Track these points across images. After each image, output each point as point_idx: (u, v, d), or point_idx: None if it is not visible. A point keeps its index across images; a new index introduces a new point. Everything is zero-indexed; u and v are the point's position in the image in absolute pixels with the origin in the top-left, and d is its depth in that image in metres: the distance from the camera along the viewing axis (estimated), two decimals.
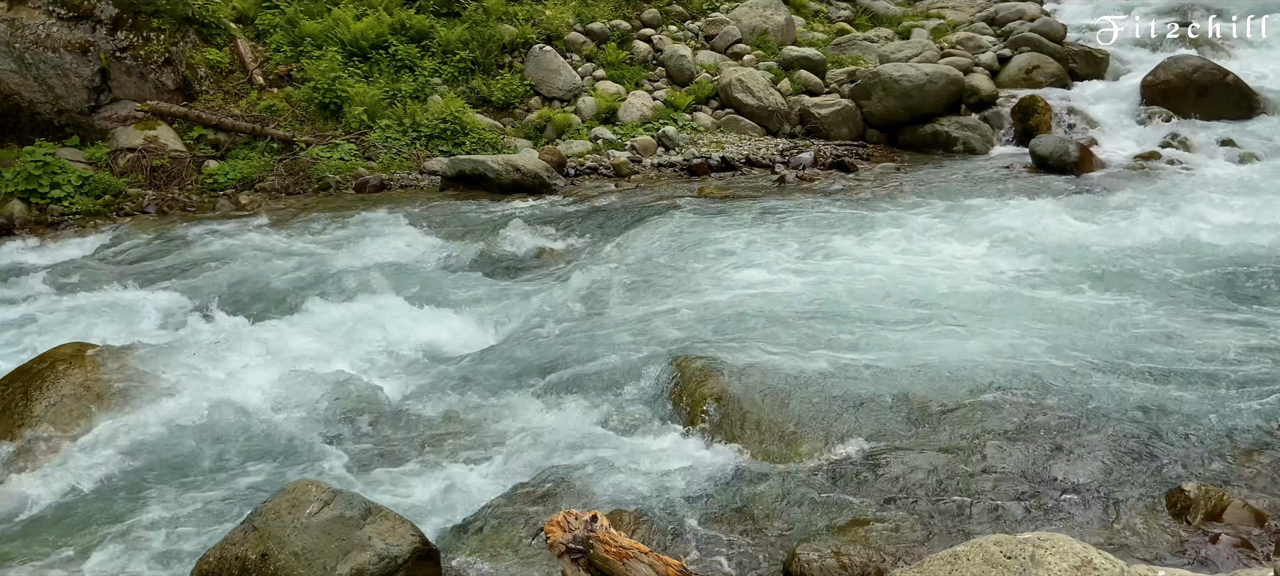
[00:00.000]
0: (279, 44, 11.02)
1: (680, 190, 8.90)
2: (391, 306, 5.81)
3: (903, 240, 6.67)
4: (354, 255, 6.87)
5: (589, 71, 11.58)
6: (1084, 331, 4.98)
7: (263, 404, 4.57)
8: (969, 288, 5.69)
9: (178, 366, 4.88)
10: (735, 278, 6.02)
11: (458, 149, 9.99)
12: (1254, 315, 5.23)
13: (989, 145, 10.22)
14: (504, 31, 11.51)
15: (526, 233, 7.44)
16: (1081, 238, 6.63)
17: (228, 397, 4.59)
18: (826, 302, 5.44)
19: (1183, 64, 10.60)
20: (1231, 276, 5.84)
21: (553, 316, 5.77)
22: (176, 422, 4.42)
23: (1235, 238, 6.53)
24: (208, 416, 4.44)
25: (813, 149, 10.27)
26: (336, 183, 9.32)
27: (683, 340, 4.91)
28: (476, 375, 4.93)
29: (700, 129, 10.89)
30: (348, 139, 10.01)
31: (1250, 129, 9.57)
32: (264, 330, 5.47)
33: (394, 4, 11.51)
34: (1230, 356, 4.60)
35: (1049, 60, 11.72)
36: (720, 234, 6.93)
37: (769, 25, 12.94)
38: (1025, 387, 4.23)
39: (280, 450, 4.25)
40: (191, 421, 4.43)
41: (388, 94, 10.60)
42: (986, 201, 7.74)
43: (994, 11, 14.37)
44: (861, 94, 10.83)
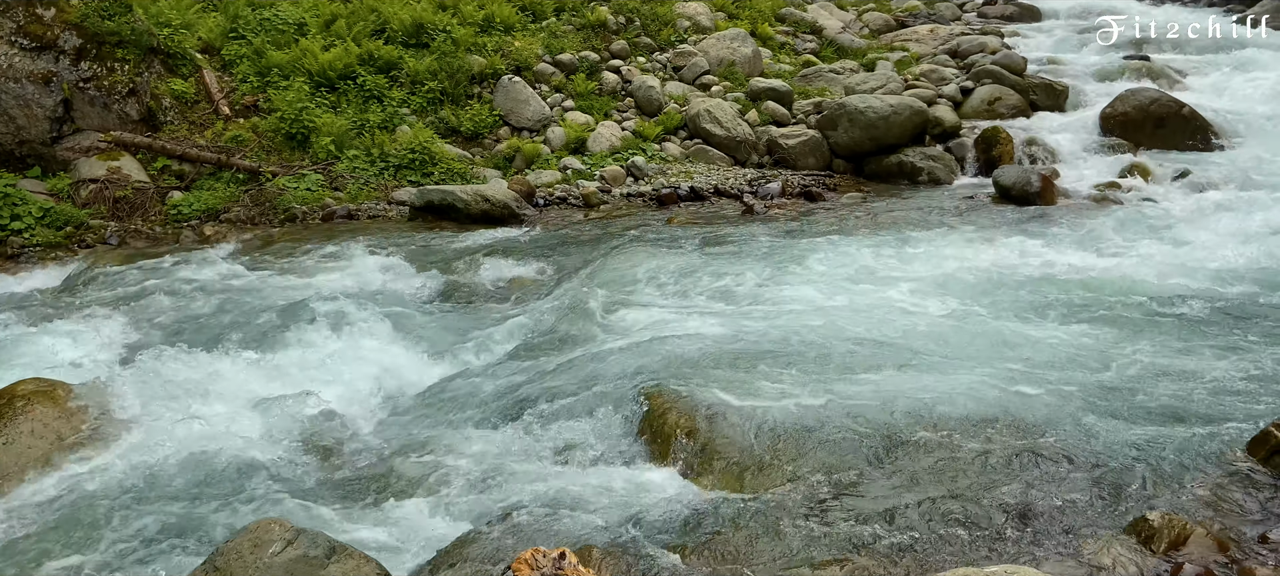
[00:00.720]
0: (246, 74, 10.97)
1: (649, 220, 8.94)
2: (357, 339, 5.76)
3: (870, 271, 6.73)
4: (320, 287, 6.81)
5: (558, 102, 11.63)
6: (1048, 363, 5.05)
7: (225, 439, 4.50)
8: (934, 320, 5.75)
9: (138, 401, 4.81)
10: (705, 309, 6.04)
11: (426, 179, 9.97)
12: (1214, 344, 5.33)
13: (953, 175, 10.37)
14: (473, 62, 11.54)
15: (495, 263, 7.42)
16: (1044, 269, 6.73)
17: (189, 433, 4.52)
18: (796, 335, 5.47)
19: (1140, 96, 10.84)
20: (1191, 306, 5.94)
21: (521, 348, 5.75)
22: (136, 459, 4.35)
23: (1193, 268, 6.66)
24: (168, 452, 4.37)
25: (780, 179, 10.36)
26: (303, 213, 9.25)
27: (652, 372, 4.91)
28: (444, 408, 4.90)
29: (669, 159, 10.95)
30: (315, 169, 9.95)
31: (1206, 159, 9.79)
32: (227, 363, 5.40)
33: (362, 35, 11.51)
34: (1191, 386, 4.68)
35: (1010, 92, 11.93)
36: (689, 264, 6.96)
37: (736, 57, 13.07)
38: (990, 420, 4.27)
39: (242, 487, 4.19)
40: (152, 458, 4.36)
41: (356, 124, 10.56)
42: (952, 233, 7.84)
43: (956, 44, 14.63)
44: (828, 125, 10.96)
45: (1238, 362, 4.95)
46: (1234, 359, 5.01)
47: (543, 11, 13.22)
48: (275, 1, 11.95)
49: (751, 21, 14.96)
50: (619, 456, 4.34)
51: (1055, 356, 5.12)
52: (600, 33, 13.12)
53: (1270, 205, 8.24)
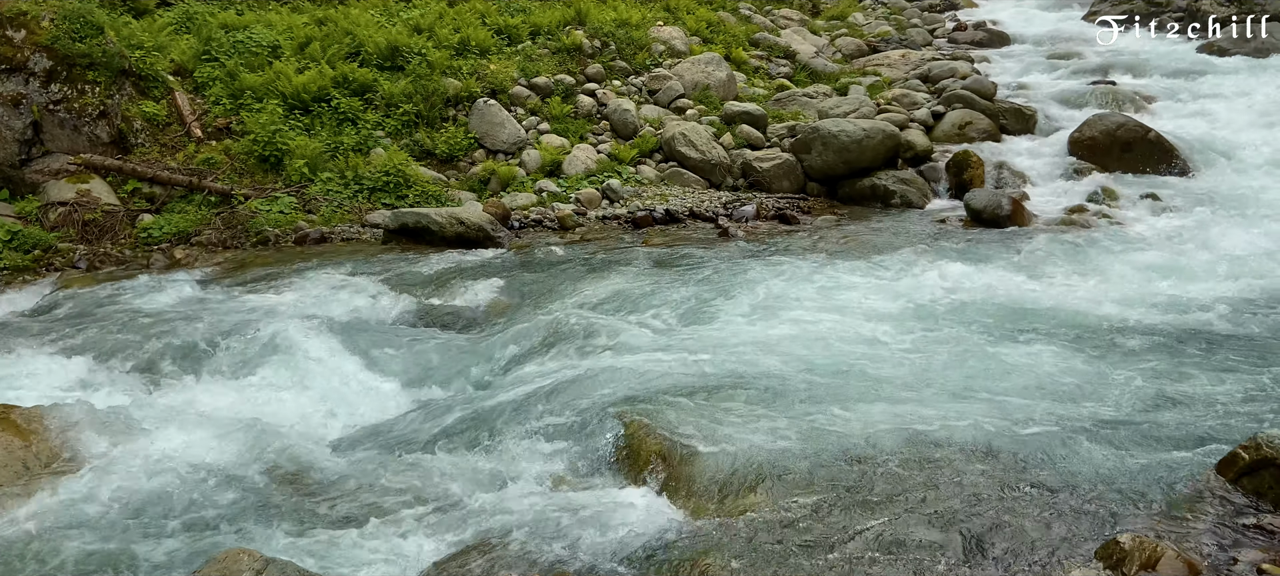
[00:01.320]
0: (218, 96, 10.90)
1: (625, 243, 8.95)
2: (330, 363, 5.72)
3: (844, 294, 6.77)
4: (292, 310, 6.75)
5: (534, 125, 11.64)
6: (1018, 388, 5.09)
7: (194, 467, 4.45)
8: (906, 346, 5.78)
9: (105, 428, 4.73)
10: (681, 332, 6.05)
11: (401, 201, 9.93)
12: (1181, 366, 5.40)
13: (926, 199, 10.47)
14: (448, 85, 11.54)
15: (470, 286, 7.40)
16: (1015, 293, 6.80)
17: (157, 460, 4.46)
18: (770, 361, 5.48)
19: (1107, 121, 11.02)
20: (1158, 328, 6.03)
21: (496, 371, 5.73)
22: (103, 488, 4.28)
23: (1161, 290, 6.76)
24: (136, 481, 4.31)
25: (755, 202, 10.42)
26: (276, 236, 9.18)
27: (628, 396, 4.91)
28: (417, 433, 4.86)
29: (644, 182, 10.98)
30: (288, 192, 9.89)
31: (1171, 183, 9.96)
32: (196, 389, 5.34)
33: (337, 57, 11.48)
34: (1160, 407, 4.74)
35: (981, 116, 12.10)
36: (665, 287, 6.97)
37: (711, 81, 13.17)
38: (959, 445, 4.30)
39: (212, 516, 4.13)
40: (119, 486, 4.29)
41: (330, 146, 10.52)
42: (925, 256, 7.91)
43: (927, 69, 14.82)
44: (802, 148, 11.05)
45: (1205, 383, 5.02)
46: (1201, 380, 5.08)
47: (518, 35, 13.26)
48: (249, 24, 11.90)
49: (726, 46, 15.08)
50: (595, 480, 4.33)
51: (1026, 381, 5.16)
52: (576, 56, 13.17)
53: (1234, 228, 8.38)
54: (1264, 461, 3.74)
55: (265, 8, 12.79)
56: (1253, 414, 4.63)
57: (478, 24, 13.00)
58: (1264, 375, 5.17)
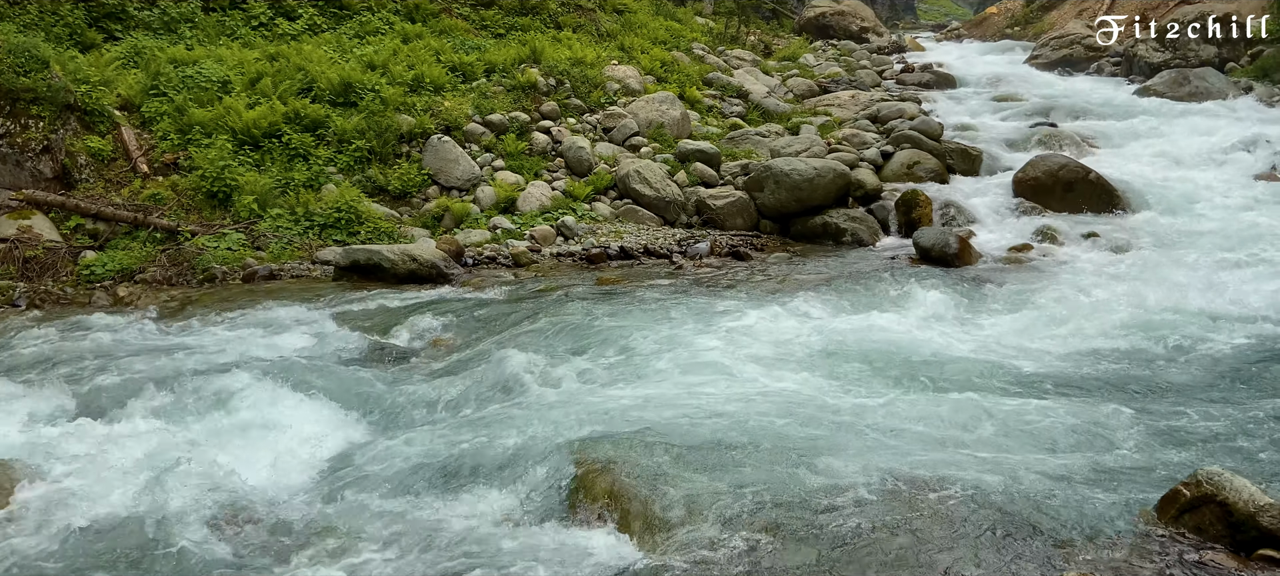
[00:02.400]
0: (166, 132, 10.74)
1: (579, 280, 8.95)
2: (276, 403, 5.61)
3: (794, 332, 6.82)
4: (238, 349, 6.64)
5: (488, 161, 11.64)
6: (963, 424, 5.16)
7: (135, 511, 4.33)
8: (855, 381, 5.83)
9: (41, 472, 4.59)
10: (634, 369, 6.05)
11: (352, 238, 9.84)
12: (1122, 403, 5.51)
13: (876, 237, 10.64)
14: (402, 121, 11.50)
15: (422, 324, 7.33)
16: (962, 330, 6.92)
17: (96, 505, 4.33)
18: (724, 395, 5.51)
19: (1050, 161, 11.32)
20: (1100, 365, 6.17)
21: (448, 411, 5.67)
22: (38, 534, 4.14)
23: (1103, 327, 6.92)
24: (76, 527, 4.18)
25: (709, 239, 10.50)
26: (223, 273, 9.03)
27: (581, 434, 4.89)
28: (367, 473, 4.79)
29: (599, 219, 11.02)
30: (236, 228, 9.75)
31: (1111, 222, 10.24)
32: (138, 430, 5.20)
33: (289, 93, 11.39)
34: (1101, 447, 4.83)
35: (928, 156, 12.36)
36: (618, 324, 6.98)
37: (665, 119, 13.29)
38: (904, 481, 4.32)
39: (155, 563, 4.01)
40: (58, 533, 4.16)
41: (280, 182, 10.40)
42: (875, 293, 8.02)
43: (876, 110, 15.13)
44: (755, 186, 11.18)
45: (1146, 421, 5.14)
46: (1142, 417, 5.20)
47: (473, 73, 13.28)
48: (199, 59, 11.77)
49: (680, 85, 15.26)
50: (547, 518, 4.29)
51: (970, 418, 5.22)
52: (531, 94, 13.22)
53: (1171, 266, 8.64)
54: (1205, 498, 3.83)
55: (216, 43, 12.68)
56: (1194, 450, 4.74)
57: (432, 61, 13.01)
58: (1203, 412, 5.31)
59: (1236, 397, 5.52)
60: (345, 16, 14.12)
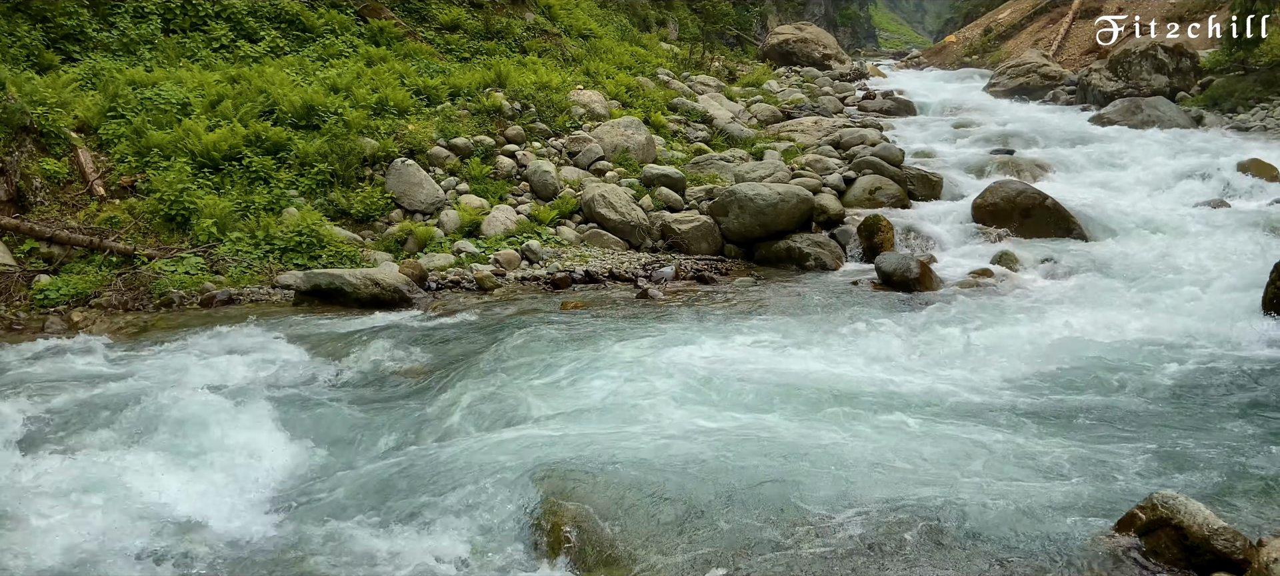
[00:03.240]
0: (123, 154, 10.59)
1: (543, 304, 8.93)
2: (233, 432, 5.50)
3: (759, 357, 6.85)
4: (194, 375, 6.52)
5: (452, 185, 11.60)
6: (922, 453, 5.18)
7: (88, 546, 4.22)
8: (814, 411, 5.79)
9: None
10: (598, 395, 6.02)
11: (314, 262, 9.75)
12: (1081, 427, 5.59)
13: (839, 261, 10.74)
14: (365, 144, 11.44)
15: (383, 350, 7.26)
16: (922, 358, 6.97)
17: (48, 539, 4.22)
18: (688, 422, 5.50)
19: (1007, 188, 11.53)
20: (1059, 390, 6.24)
21: (409, 437, 5.61)
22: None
23: (1061, 351, 7.01)
24: (25, 562, 4.06)
25: (674, 263, 10.54)
26: (180, 298, 8.89)
27: (544, 462, 4.85)
28: (325, 505, 4.71)
29: (564, 243, 11.02)
30: (195, 252, 9.61)
31: (1067, 247, 10.43)
32: (91, 461, 5.08)
33: (250, 116, 11.29)
34: (1059, 470, 4.89)
35: (890, 182, 12.52)
36: (583, 350, 6.96)
37: (630, 144, 13.35)
38: (861, 511, 4.30)
39: None
40: (7, 569, 4.04)
41: (240, 206, 10.29)
42: (837, 318, 8.08)
43: (839, 136, 15.32)
44: (719, 211, 11.25)
45: (1101, 445, 5.21)
46: (1097, 441, 5.28)
47: (438, 96, 13.26)
48: (158, 81, 11.63)
49: (645, 110, 15.35)
50: (511, 549, 4.25)
51: (930, 449, 5.24)
52: (495, 118, 13.22)
53: (1125, 290, 8.82)
54: (1160, 521, 3.88)
55: (176, 65, 12.54)
56: (1148, 474, 4.82)
57: (396, 84, 12.98)
58: (1156, 436, 5.40)
59: (1187, 421, 5.63)
60: (308, 39, 14.06)
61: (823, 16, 47.17)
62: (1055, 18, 30.09)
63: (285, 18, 14.07)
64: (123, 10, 12.97)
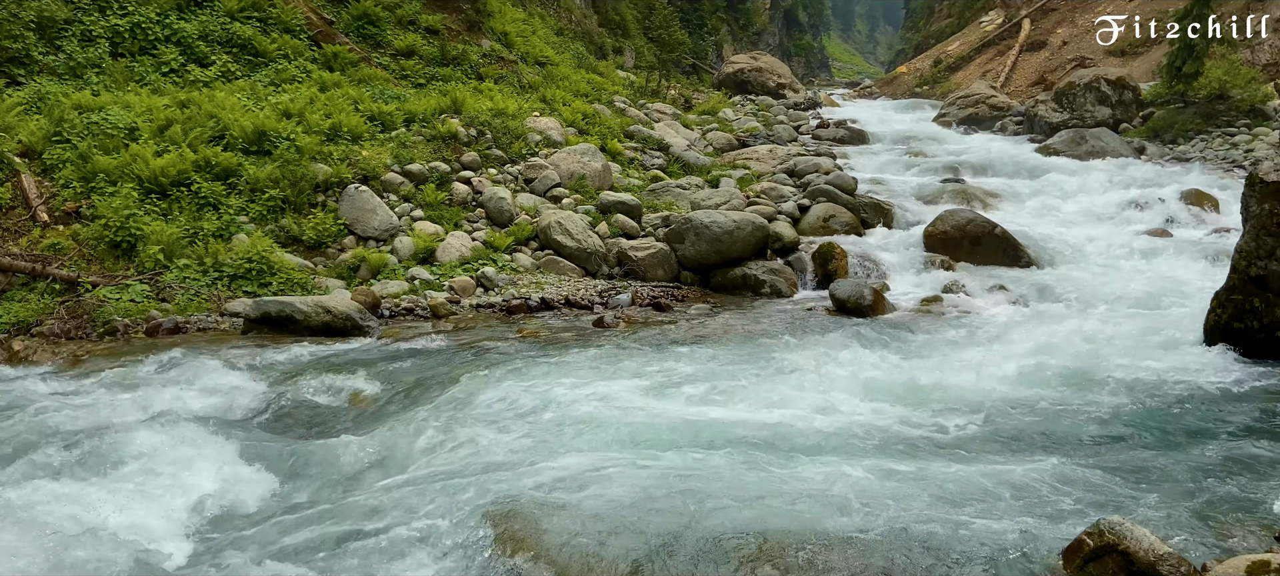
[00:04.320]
0: (68, 179, 10.34)
1: (499, 332, 8.86)
2: (177, 464, 5.37)
3: (713, 385, 6.86)
4: (137, 406, 6.35)
5: (407, 211, 11.51)
6: (874, 481, 5.21)
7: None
8: (768, 443, 5.76)
9: None
10: (552, 428, 5.98)
11: (264, 289, 9.58)
12: (1028, 452, 5.67)
13: (794, 288, 10.83)
14: (318, 170, 11.31)
15: (334, 379, 7.14)
16: (875, 387, 7.01)
17: None
18: (642, 457, 5.47)
19: (958, 216, 11.73)
20: (1004, 419, 6.31)
21: (360, 470, 5.52)
22: None
23: (1005, 381, 7.11)
24: None
25: (630, 290, 10.54)
26: (125, 326, 8.68)
27: (498, 495, 4.80)
28: (273, 540, 4.60)
29: (520, 270, 10.97)
30: (141, 279, 9.40)
31: (1016, 275, 10.62)
32: (26, 495, 4.92)
33: (199, 141, 11.11)
34: (1007, 497, 4.94)
35: (843, 210, 12.68)
36: (538, 378, 6.91)
37: (587, 171, 13.37)
38: (812, 542, 4.32)
39: None
40: None
41: (188, 232, 10.10)
42: (791, 345, 8.13)
43: (793, 165, 15.49)
44: (676, 238, 11.29)
45: (1047, 471, 5.28)
46: (1044, 468, 5.34)
47: (392, 122, 13.18)
48: (105, 106, 11.40)
49: (601, 137, 15.40)
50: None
51: (881, 477, 5.27)
52: (451, 144, 13.16)
53: (1072, 318, 8.99)
54: (1107, 547, 3.94)
55: (124, 89, 12.31)
56: (1094, 501, 4.89)
57: (350, 110, 12.87)
58: (1101, 462, 5.50)
59: (1132, 448, 5.74)
60: (260, 64, 13.90)
61: (777, 46, 47.86)
62: (1002, 50, 30.82)
63: (237, 42, 13.91)
64: (70, 34, 12.72)
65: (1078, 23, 28.80)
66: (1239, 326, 7.66)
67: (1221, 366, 7.33)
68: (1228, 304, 7.79)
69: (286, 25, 14.64)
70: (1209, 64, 18.19)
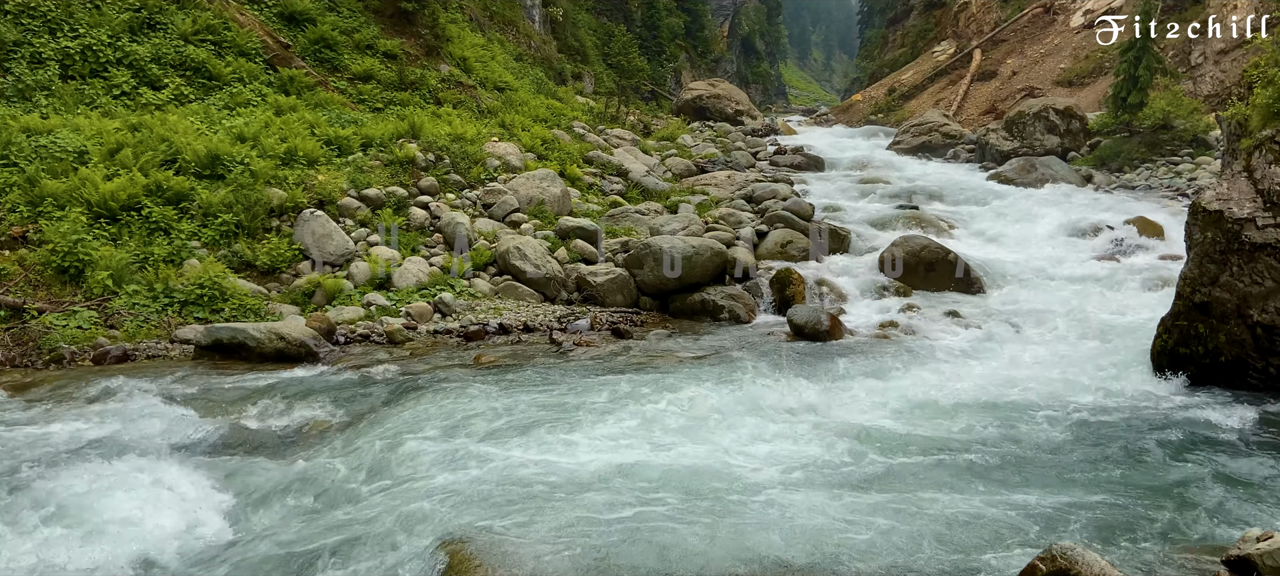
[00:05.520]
0: (15, 203, 10.11)
1: (456, 358, 8.79)
2: (124, 494, 5.23)
3: (671, 415, 6.83)
4: (82, 436, 6.19)
5: (363, 236, 11.41)
6: (825, 509, 5.23)
7: None
8: (721, 473, 5.75)
9: None
10: (507, 454, 5.93)
11: (216, 315, 9.43)
12: (981, 478, 5.74)
13: (752, 313, 10.89)
14: (272, 195, 11.18)
15: (286, 406, 7.03)
16: (834, 411, 7.05)
17: None
18: (596, 479, 5.46)
19: (912, 243, 11.90)
20: (955, 445, 6.37)
21: (313, 498, 5.42)
22: None
23: (957, 406, 7.18)
24: None
25: (589, 315, 10.52)
26: (72, 353, 8.48)
27: (453, 522, 4.75)
28: (223, 571, 4.50)
29: (478, 295, 10.91)
30: (88, 305, 9.19)
31: (969, 301, 10.80)
32: None
33: (150, 165, 10.93)
34: (960, 522, 4.99)
35: (800, 236, 12.81)
36: (493, 405, 6.86)
37: (546, 196, 13.36)
38: (768, 570, 4.33)
39: None
40: None
41: (138, 257, 9.90)
42: (750, 371, 8.14)
43: (751, 190, 15.62)
44: (635, 263, 11.31)
45: (999, 496, 5.36)
46: (996, 493, 5.42)
47: (349, 147, 13.08)
48: (54, 128, 11.17)
49: (560, 163, 15.41)
50: None
51: (833, 505, 5.30)
52: (409, 169, 13.09)
53: (1022, 343, 9.15)
54: (1059, 572, 3.99)
55: (74, 111, 12.08)
56: (1046, 524, 4.96)
57: (306, 134, 12.76)
58: (1051, 486, 5.58)
59: (1081, 472, 5.84)
60: (214, 87, 13.73)
61: (735, 73, 48.39)
62: (954, 79, 31.45)
63: (191, 65, 13.73)
64: (19, 56, 12.47)
65: (1027, 54, 29.50)
66: (1185, 352, 7.85)
67: (1169, 391, 7.51)
68: (1174, 330, 7.98)
69: (242, 49, 14.49)
70: (1153, 95, 18.71)
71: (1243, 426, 6.60)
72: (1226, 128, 10.33)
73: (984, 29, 32.90)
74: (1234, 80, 19.54)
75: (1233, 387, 7.47)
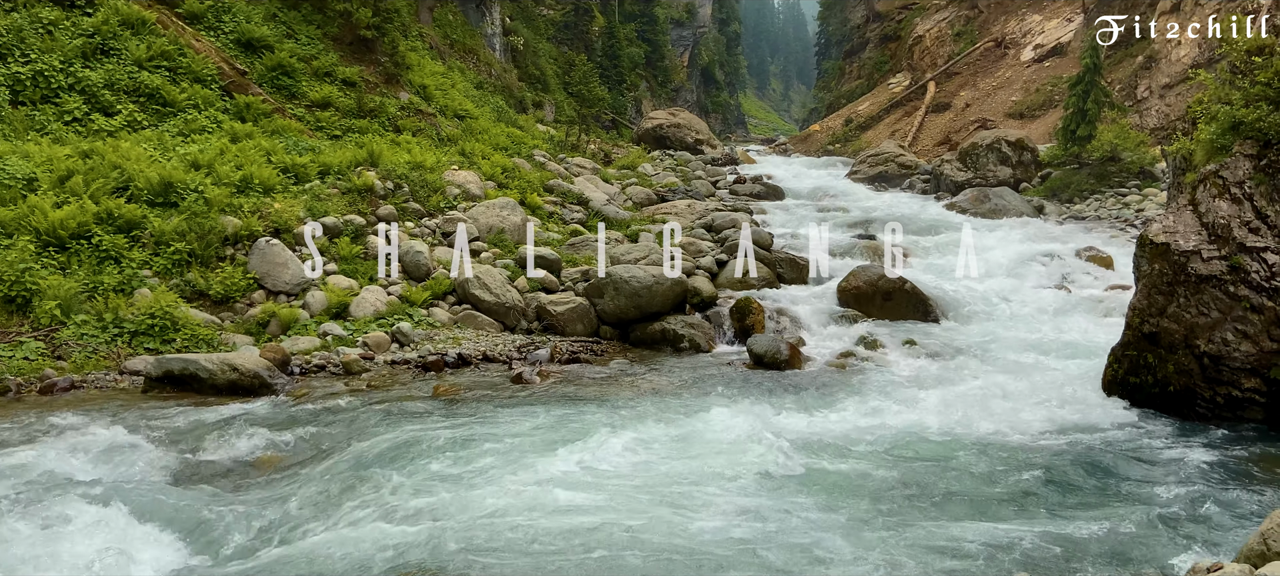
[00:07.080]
0: None
1: (414, 389, 8.70)
2: (69, 532, 5.09)
3: (630, 444, 6.82)
4: (27, 471, 6.01)
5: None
6: (791, 544, 5.26)
7: None
8: (677, 504, 5.76)
9: None
10: (465, 487, 5.87)
11: (167, 346, 9.24)
12: (934, 513, 5.80)
13: (712, 343, 10.92)
14: (227, 223, 11.02)
15: (239, 440, 6.90)
16: (793, 443, 7.04)
17: None
18: (555, 519, 5.42)
19: (870, 272, 12.04)
20: (912, 479, 6.43)
21: (265, 534, 5.31)
22: None
23: (914, 438, 7.25)
24: None
25: (549, 345, 10.48)
26: (18, 385, 8.25)
27: (407, 558, 4.68)
28: None
29: (437, 325, 10.82)
30: (35, 336, 8.97)
31: (925, 330, 10.93)
32: None
33: (102, 192, 10.71)
34: (915, 557, 5.04)
35: (760, 265, 12.88)
36: (451, 437, 6.79)
37: (506, 225, 13.33)
38: None
39: None
40: None
41: (87, 287, 9.69)
42: (709, 401, 8.16)
43: (711, 220, 15.71)
44: (595, 293, 11.30)
45: (955, 531, 5.41)
46: (952, 528, 5.47)
47: (306, 174, 12.94)
48: (2, 155, 10.92)
49: (521, 191, 15.39)
50: None
51: (796, 540, 5.33)
52: (367, 197, 12.99)
53: (976, 371, 9.27)
54: None
55: (23, 137, 11.82)
56: (1000, 556, 5.02)
57: (262, 162, 12.61)
58: (1007, 517, 5.65)
59: (1035, 501, 5.92)
60: (168, 114, 13.52)
61: (695, 103, 48.84)
62: (910, 111, 32.02)
63: (144, 92, 13.51)
64: None
65: (979, 86, 30.14)
66: (1135, 381, 8.01)
67: (1119, 420, 7.65)
68: (1124, 359, 8.15)
69: (197, 75, 14.30)
70: (1101, 128, 19.18)
71: (1191, 456, 6.74)
72: (1172, 162, 10.62)
73: (938, 62, 33.59)
74: (1178, 114, 20.12)
75: (1182, 416, 7.63)
